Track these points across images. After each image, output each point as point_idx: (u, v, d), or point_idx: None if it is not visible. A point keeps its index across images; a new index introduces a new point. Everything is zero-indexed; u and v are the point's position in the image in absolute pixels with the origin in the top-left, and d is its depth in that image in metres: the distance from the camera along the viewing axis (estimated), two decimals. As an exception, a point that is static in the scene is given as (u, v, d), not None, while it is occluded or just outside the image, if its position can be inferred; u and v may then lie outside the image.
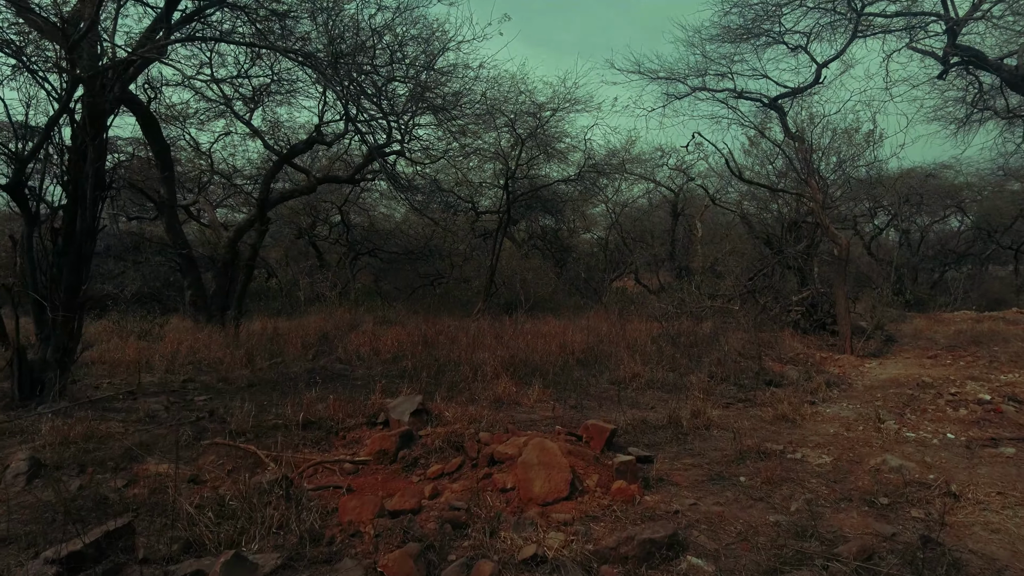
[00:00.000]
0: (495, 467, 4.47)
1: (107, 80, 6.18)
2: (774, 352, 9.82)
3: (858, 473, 4.57)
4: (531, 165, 16.22)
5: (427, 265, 22.67)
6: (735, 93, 12.70)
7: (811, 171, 11.58)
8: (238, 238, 13.19)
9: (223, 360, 8.31)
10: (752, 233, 17.96)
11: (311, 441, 5.32)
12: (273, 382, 7.25)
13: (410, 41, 11.66)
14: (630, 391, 7.30)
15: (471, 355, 8.43)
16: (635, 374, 7.72)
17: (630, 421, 5.77)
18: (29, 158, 6.18)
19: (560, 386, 7.39)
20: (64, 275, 6.02)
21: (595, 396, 7.03)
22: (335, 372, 8.00)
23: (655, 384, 7.52)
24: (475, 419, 5.42)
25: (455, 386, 7.12)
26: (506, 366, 7.71)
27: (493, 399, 6.49)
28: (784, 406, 6.32)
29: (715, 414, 6.12)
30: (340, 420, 5.55)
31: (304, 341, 10.32)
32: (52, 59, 6.98)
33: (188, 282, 12.54)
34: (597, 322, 12.66)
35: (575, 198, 21.95)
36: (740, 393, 7.15)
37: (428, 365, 7.97)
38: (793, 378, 7.84)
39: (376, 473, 4.80)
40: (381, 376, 7.81)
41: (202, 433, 5.30)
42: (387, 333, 10.85)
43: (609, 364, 8.43)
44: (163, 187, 12.14)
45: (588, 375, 8.14)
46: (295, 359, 9.10)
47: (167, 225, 12.39)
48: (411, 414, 5.33)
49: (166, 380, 7.46)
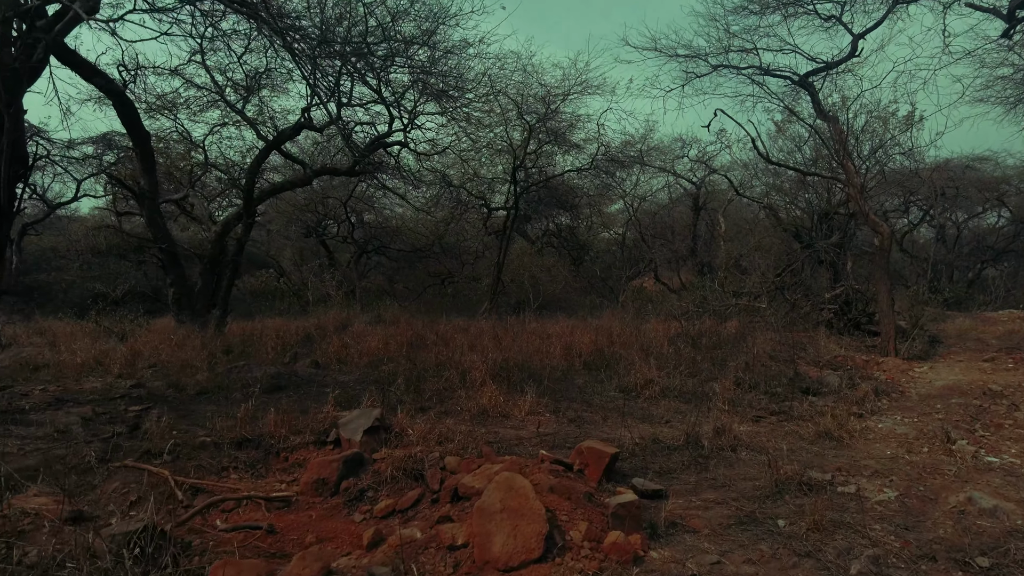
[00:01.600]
0: (459, 504, 3.46)
1: (26, 34, 5.29)
2: (808, 354, 8.66)
3: (936, 516, 3.46)
4: (540, 154, 15.16)
5: (437, 264, 21.87)
6: (761, 70, 11.52)
7: (847, 153, 10.37)
8: (225, 233, 12.35)
9: (185, 363, 7.42)
10: (780, 226, 16.73)
11: (245, 463, 4.35)
12: (229, 389, 6.32)
13: (403, 15, 10.70)
14: (641, 401, 6.23)
15: (462, 358, 7.43)
16: (648, 380, 6.64)
17: (639, 440, 4.71)
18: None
19: (559, 395, 6.35)
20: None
21: (599, 407, 5.98)
22: (304, 377, 7.04)
23: (671, 392, 6.44)
24: (445, 437, 4.41)
25: (437, 395, 6.12)
26: (498, 371, 6.68)
27: (477, 411, 5.48)
28: (827, 420, 5.20)
29: (743, 430, 5.03)
30: (283, 437, 4.57)
31: (285, 343, 9.43)
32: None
33: (171, 279, 11.71)
34: (611, 322, 11.58)
35: (591, 194, 20.92)
36: (772, 404, 6.04)
37: (410, 370, 6.99)
38: (834, 385, 6.70)
39: (311, 508, 3.81)
40: (356, 382, 6.83)
41: (115, 453, 4.36)
42: (377, 334, 9.90)
43: (619, 369, 7.36)
44: (143, 178, 11.34)
45: (593, 381, 7.08)
46: (271, 361, 8.19)
47: (148, 219, 11.56)
48: (365, 432, 4.33)
49: (113, 386, 6.56)
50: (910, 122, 13.45)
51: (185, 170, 14.85)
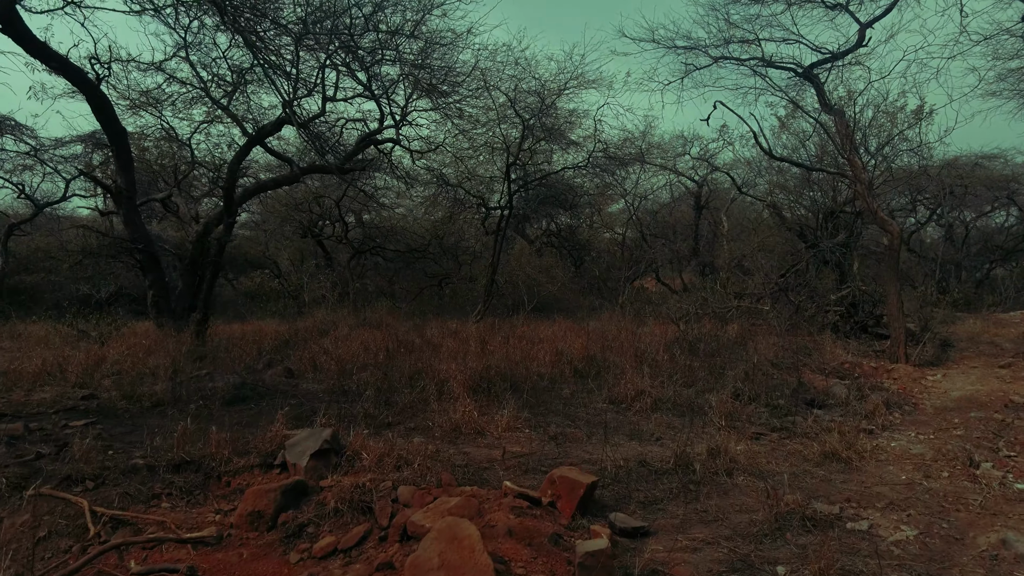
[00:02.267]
0: (408, 545, 2.98)
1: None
2: (813, 361, 8.15)
3: (964, 562, 2.96)
4: (535, 151, 14.66)
5: (434, 264, 21.48)
6: (764, 61, 11.00)
7: (853, 148, 9.85)
8: (207, 233, 11.90)
9: (149, 371, 6.96)
10: (783, 225, 16.19)
11: (181, 489, 3.88)
12: (186, 401, 5.85)
13: (390, 4, 10.21)
14: (631, 414, 5.74)
15: (442, 366, 6.94)
16: (640, 391, 6.14)
17: (623, 462, 4.22)
18: None
19: (543, 407, 5.86)
20: None
21: (585, 421, 5.48)
22: (272, 387, 6.57)
23: (665, 404, 5.94)
24: (404, 461, 3.92)
25: (408, 408, 5.64)
26: (479, 381, 6.19)
27: (450, 427, 4.99)
28: (834, 438, 4.70)
29: (740, 450, 4.53)
30: (225, 459, 4.09)
31: (262, 348, 8.98)
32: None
33: (150, 281, 11.26)
34: (608, 325, 11.09)
35: (591, 192, 20.46)
36: (774, 418, 5.53)
37: (383, 379, 6.51)
38: (841, 396, 6.19)
39: (244, 544, 3.33)
40: (326, 392, 6.36)
41: (33, 477, 3.89)
42: (360, 338, 9.44)
43: (610, 378, 6.87)
44: (120, 176, 10.90)
45: (582, 391, 6.59)
46: (244, 369, 7.74)
47: (125, 218, 11.11)
48: (312, 455, 3.85)
49: (63, 397, 6.10)
50: (919, 116, 12.90)
51: (168, 168, 14.40)
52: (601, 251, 23.90)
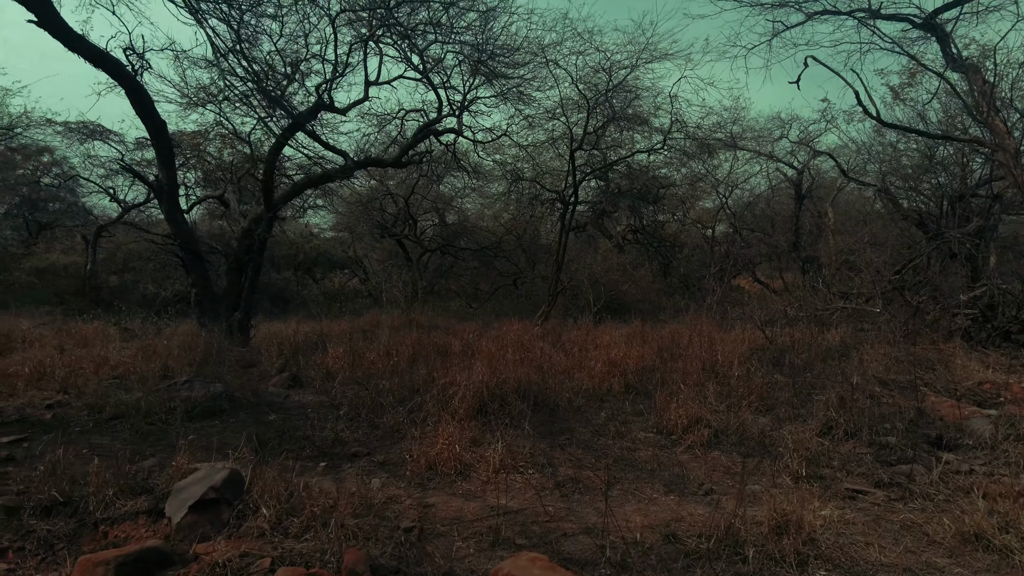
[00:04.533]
0: None
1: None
2: (939, 379, 6.30)
3: None
4: (602, 136, 13.24)
5: (508, 263, 20.62)
6: (871, 12, 9.07)
7: (993, 108, 7.79)
8: (252, 230, 11.46)
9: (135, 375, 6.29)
10: (899, 213, 13.81)
11: (41, 541, 2.94)
12: (151, 412, 5.02)
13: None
14: (680, 450, 4.33)
15: (461, 376, 5.78)
16: (696, 418, 4.71)
17: (642, 534, 2.88)
18: None
19: (565, 436, 4.57)
20: None
21: (615, 458, 4.14)
22: (260, 398, 5.67)
23: (727, 438, 4.48)
24: (320, 521, 2.79)
25: (388, 433, 4.53)
26: (490, 396, 4.98)
27: (426, 463, 3.82)
28: (977, 507, 3.12)
29: (824, 520, 3.06)
30: (107, 501, 3.13)
31: (284, 350, 8.25)
32: None
33: (192, 279, 10.93)
34: (689, 329, 9.54)
35: (679, 184, 18.79)
36: (880, 466, 3.94)
37: (375, 395, 5.43)
38: (983, 434, 4.44)
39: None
40: (314, 406, 5.38)
41: None
42: (395, 341, 8.50)
43: (665, 395, 5.45)
44: (161, 171, 10.61)
45: (624, 414, 5.23)
46: (259, 374, 6.99)
47: (167, 215, 10.81)
48: (192, 507, 2.79)
49: (33, 402, 5.49)
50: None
51: (227, 165, 14.20)
52: (695, 247, 22.03)
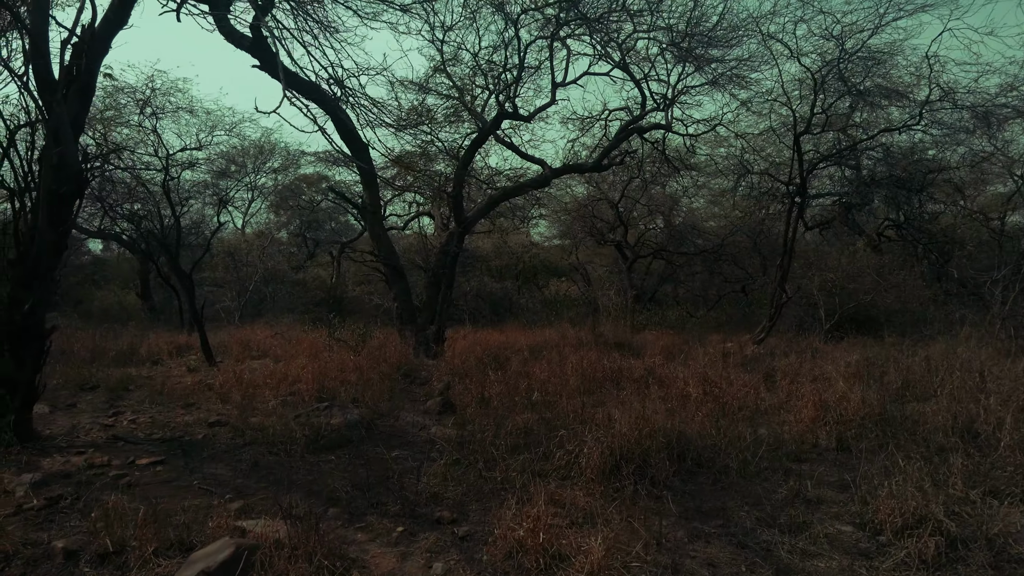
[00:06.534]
0: None
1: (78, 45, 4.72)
2: None
3: None
4: (832, 114, 10.89)
5: (735, 267, 18.68)
6: None
7: None
8: (451, 242, 11.64)
9: (292, 395, 6.40)
10: None
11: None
12: (274, 441, 4.84)
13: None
14: (886, 568, 2.81)
15: (616, 412, 4.76)
16: (922, 515, 3.09)
17: None
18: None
19: (715, 519, 3.32)
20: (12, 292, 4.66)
21: (777, 568, 2.81)
22: (394, 428, 5.28)
23: (971, 552, 2.82)
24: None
25: (496, 492, 3.73)
26: (625, 454, 3.89)
27: (507, 545, 2.95)
28: None
29: None
30: (146, 557, 2.82)
31: (454, 369, 7.98)
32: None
33: (395, 293, 11.48)
34: (963, 355, 7.21)
35: (955, 166, 15.16)
36: None
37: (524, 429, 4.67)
38: None
39: None
40: (447, 443, 4.79)
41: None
42: (569, 362, 7.73)
43: (881, 471, 3.82)
44: (365, 192, 11.31)
45: (823, 487, 3.74)
46: (425, 394, 6.78)
47: (371, 232, 11.50)
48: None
49: (199, 420, 5.79)
50: None
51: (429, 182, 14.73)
52: (979, 244, 17.51)
